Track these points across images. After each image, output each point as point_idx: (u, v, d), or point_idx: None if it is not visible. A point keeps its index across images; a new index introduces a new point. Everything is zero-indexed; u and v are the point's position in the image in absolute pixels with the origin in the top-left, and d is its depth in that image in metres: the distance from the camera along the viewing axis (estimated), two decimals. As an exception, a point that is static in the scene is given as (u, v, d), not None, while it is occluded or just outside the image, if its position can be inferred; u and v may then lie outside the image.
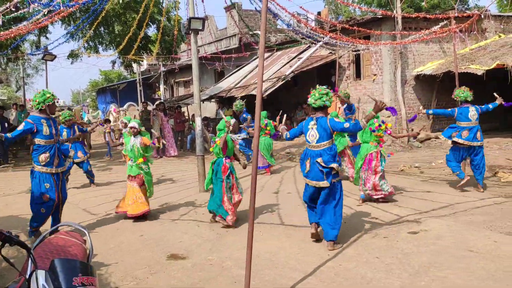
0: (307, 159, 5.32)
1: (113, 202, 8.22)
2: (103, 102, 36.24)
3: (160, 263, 5.04)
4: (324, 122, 5.23)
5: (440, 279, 4.25)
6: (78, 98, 62.46)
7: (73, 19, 14.86)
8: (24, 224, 6.96)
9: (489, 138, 13.30)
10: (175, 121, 16.58)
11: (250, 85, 16.57)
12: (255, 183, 4.17)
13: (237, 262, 4.92)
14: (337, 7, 31.89)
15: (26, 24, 9.92)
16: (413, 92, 14.39)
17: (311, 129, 5.29)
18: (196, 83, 9.09)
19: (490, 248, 4.98)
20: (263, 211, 7.07)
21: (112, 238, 6.09)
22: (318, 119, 5.28)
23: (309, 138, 5.30)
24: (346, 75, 15.89)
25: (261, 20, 3.84)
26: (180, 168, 12.14)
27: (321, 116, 5.29)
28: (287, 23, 12.12)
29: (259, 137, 4.14)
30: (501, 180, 8.57)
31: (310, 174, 5.28)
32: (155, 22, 15.40)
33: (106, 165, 13.49)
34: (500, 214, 6.28)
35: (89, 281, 2.33)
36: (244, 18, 20.11)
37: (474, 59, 12.62)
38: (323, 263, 4.82)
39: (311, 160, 5.26)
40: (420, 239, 5.42)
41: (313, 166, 5.24)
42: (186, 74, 26.51)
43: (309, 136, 5.30)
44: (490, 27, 15.29)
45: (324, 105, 5.25)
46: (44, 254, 2.68)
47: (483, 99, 8.71)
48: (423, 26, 13.80)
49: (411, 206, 6.97)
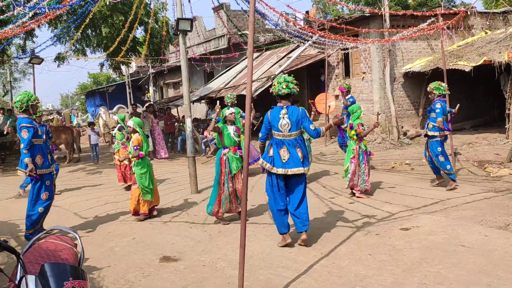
0: (281, 148, 5.12)
1: (104, 206, 8.17)
2: (92, 105, 36.01)
3: (152, 266, 5.01)
4: (297, 110, 5.11)
5: (433, 274, 4.27)
6: (67, 102, 61.99)
7: (59, 21, 14.72)
8: (13, 229, 6.89)
9: (478, 133, 13.45)
10: (165, 123, 16.51)
11: (240, 85, 16.56)
12: (247, 183, 4.16)
13: (230, 263, 4.90)
14: (325, 6, 32.01)
15: (12, 27, 9.80)
16: (402, 89, 14.47)
17: (282, 119, 5.09)
18: (185, 84, 9.05)
19: (481, 242, 5.02)
20: (255, 211, 7.06)
21: (104, 241, 6.04)
22: (288, 108, 5.11)
23: (281, 128, 5.11)
24: (336, 74, 15.94)
25: (249, 20, 3.83)
26: (171, 170, 12.08)
27: (291, 105, 5.15)
28: (275, 23, 12.12)
29: (250, 136, 4.12)
30: (490, 175, 8.65)
31: (290, 162, 5.07)
32: (143, 23, 15.31)
33: (96, 169, 13.38)
34: (490, 209, 6.33)
35: (80, 285, 2.30)
36: (232, 19, 20.08)
37: (461, 55, 12.73)
38: (316, 261, 4.82)
39: (288, 149, 5.09)
40: (412, 235, 5.45)
41: (292, 154, 5.08)
42: (175, 75, 26.44)
43: (281, 126, 5.10)
44: (477, 24, 15.44)
45: (292, 93, 5.09)
46: (34, 259, 2.64)
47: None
48: (410, 24, 13.89)
49: (403, 203, 7.00)
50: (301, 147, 5.14)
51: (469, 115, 15.32)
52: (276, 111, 5.16)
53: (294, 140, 5.13)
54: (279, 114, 5.12)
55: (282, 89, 5.07)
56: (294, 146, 5.10)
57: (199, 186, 8.91)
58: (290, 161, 5.08)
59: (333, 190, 8.21)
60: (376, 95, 14.25)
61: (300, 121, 5.10)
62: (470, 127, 14.90)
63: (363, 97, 14.60)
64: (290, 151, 5.09)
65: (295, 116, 5.08)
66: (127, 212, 7.53)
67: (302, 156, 5.11)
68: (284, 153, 5.09)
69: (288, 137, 5.11)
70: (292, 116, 5.09)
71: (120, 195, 9.07)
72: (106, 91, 33.09)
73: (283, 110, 5.12)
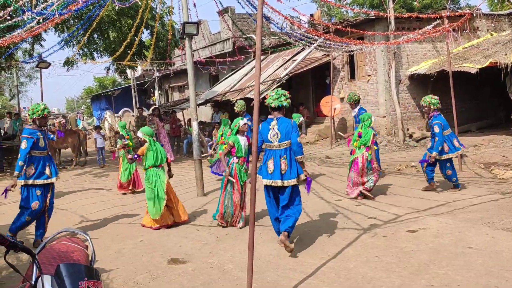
0: (269, 159, 5.28)
1: (111, 209, 8.23)
2: (98, 109, 36.16)
3: (160, 268, 5.04)
4: (287, 122, 5.26)
5: (440, 276, 4.28)
6: (72, 106, 62.29)
7: (66, 26, 14.83)
8: (21, 232, 6.94)
9: (484, 135, 13.41)
10: (171, 126, 16.58)
11: (245, 88, 16.60)
12: (255, 186, 4.19)
13: (237, 265, 4.93)
14: (330, 9, 32.03)
15: (20, 32, 9.89)
16: (407, 92, 14.46)
17: (272, 129, 5.27)
18: (191, 87, 9.10)
19: (488, 244, 5.02)
20: (262, 213, 7.08)
21: (112, 244, 6.09)
22: (279, 119, 5.27)
23: (271, 138, 5.27)
24: (341, 76, 15.96)
25: (254, 23, 3.87)
26: (177, 173, 12.09)
27: (281, 116, 5.31)
28: (280, 27, 12.17)
29: (257, 140, 4.16)
30: (497, 177, 8.63)
31: (275, 174, 5.20)
32: (149, 27, 15.40)
33: (102, 172, 13.45)
34: (497, 211, 6.33)
35: (95, 285, 2.34)
36: (237, 22, 20.16)
37: (467, 57, 12.71)
38: (323, 263, 4.84)
39: (275, 160, 5.22)
40: (419, 237, 5.45)
41: (277, 166, 5.20)
42: (180, 79, 26.52)
43: (270, 136, 5.27)
44: (482, 26, 15.42)
45: (282, 105, 5.25)
46: (47, 260, 2.68)
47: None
48: (416, 26, 13.90)
49: (409, 205, 7.01)
50: (287, 158, 5.23)
51: (475, 117, 15.28)
52: (267, 123, 5.35)
53: (283, 151, 5.25)
54: (269, 125, 5.31)
55: (273, 101, 5.25)
56: (281, 156, 5.22)
57: (206, 189, 8.95)
58: (275, 173, 5.22)
59: (338, 193, 8.22)
60: (381, 97, 14.25)
61: (290, 132, 5.23)
62: (476, 129, 14.86)
63: (369, 100, 14.61)
64: (275, 162, 5.23)
65: (284, 127, 5.23)
66: (134, 214, 7.60)
67: (285, 167, 5.20)
68: (271, 164, 5.25)
69: (277, 147, 5.26)
70: (281, 127, 5.24)
71: (127, 198, 9.12)
72: (111, 94, 33.21)
73: (273, 121, 5.30)
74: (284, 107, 5.28)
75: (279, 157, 5.21)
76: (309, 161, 11.70)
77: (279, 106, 5.25)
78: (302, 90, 18.02)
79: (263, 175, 5.32)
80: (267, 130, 5.30)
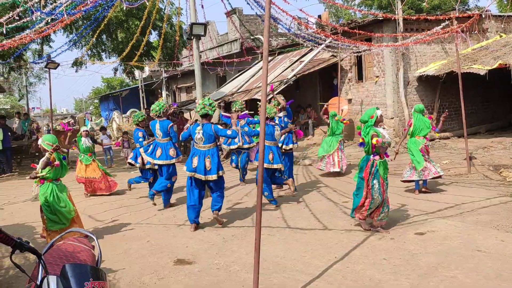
0: (195, 156, 6.30)
1: (118, 209, 8.24)
2: (106, 109, 36.38)
3: (167, 269, 5.04)
4: (208, 128, 6.25)
5: (449, 279, 4.23)
6: (81, 106, 62.67)
7: (75, 27, 14.92)
8: (30, 231, 6.99)
9: (493, 137, 13.28)
10: (178, 127, 16.60)
11: (252, 89, 16.59)
12: (262, 188, 4.18)
13: (244, 266, 4.91)
14: (338, 10, 31.97)
15: (29, 32, 9.96)
16: (416, 93, 14.37)
17: (198, 133, 6.30)
18: (198, 88, 9.12)
19: (497, 247, 4.97)
20: (268, 214, 7.06)
21: (119, 244, 6.09)
22: (203, 125, 6.29)
23: (196, 140, 6.34)
24: (348, 78, 15.89)
25: (262, 24, 3.85)
26: (184, 173, 12.11)
27: (206, 123, 6.29)
28: (288, 27, 12.14)
29: (264, 140, 4.15)
30: (506, 179, 8.54)
31: (198, 169, 6.23)
32: (157, 28, 15.45)
33: (110, 172, 13.47)
34: (507, 213, 6.26)
35: (100, 285, 2.34)
36: (245, 23, 20.16)
37: (476, 59, 12.60)
38: (330, 265, 4.81)
39: (199, 158, 6.26)
40: (427, 239, 5.40)
41: (201, 163, 6.23)
42: (188, 79, 26.58)
43: (196, 139, 6.33)
44: (491, 27, 15.28)
45: (207, 113, 6.29)
46: (53, 260, 2.68)
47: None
48: (424, 27, 13.80)
49: (417, 207, 6.95)
50: (212, 158, 6.27)
51: (484, 119, 15.15)
52: (195, 127, 6.42)
53: (207, 151, 6.29)
54: (195, 129, 6.35)
55: (201, 110, 6.31)
56: (205, 156, 6.26)
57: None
58: (198, 168, 6.26)
59: (345, 195, 8.17)
60: (389, 99, 14.17)
61: (213, 135, 6.25)
62: (485, 131, 14.73)
63: (376, 101, 14.53)
64: (199, 159, 6.27)
65: (207, 132, 6.24)
66: (141, 215, 7.60)
67: (209, 165, 6.24)
68: (195, 161, 6.29)
69: (202, 148, 6.32)
70: (205, 132, 6.25)
71: (134, 199, 9.14)
72: (119, 95, 33.40)
73: (199, 126, 6.35)
74: (209, 115, 6.32)
75: (204, 157, 6.25)
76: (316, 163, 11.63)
77: (205, 114, 6.29)
78: (309, 91, 17.98)
79: (187, 168, 6.37)
80: (194, 133, 6.35)
